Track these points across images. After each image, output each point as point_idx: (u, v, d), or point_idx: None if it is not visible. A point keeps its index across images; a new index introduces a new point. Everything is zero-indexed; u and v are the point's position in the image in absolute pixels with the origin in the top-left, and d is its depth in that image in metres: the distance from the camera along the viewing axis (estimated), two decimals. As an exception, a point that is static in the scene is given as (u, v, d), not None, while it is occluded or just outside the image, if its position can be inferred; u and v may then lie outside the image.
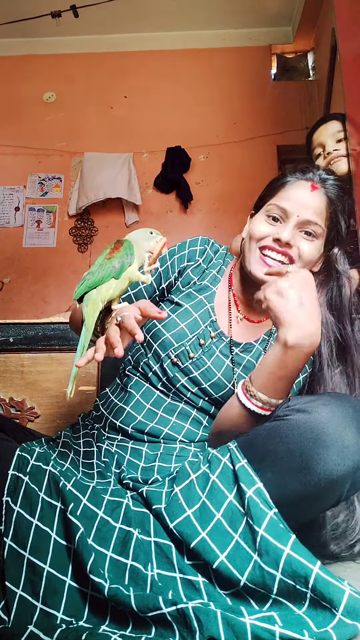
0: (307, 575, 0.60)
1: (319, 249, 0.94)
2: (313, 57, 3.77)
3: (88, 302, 0.77)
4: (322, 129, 1.55)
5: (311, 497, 0.66)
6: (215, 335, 0.96)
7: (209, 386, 0.93)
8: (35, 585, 0.64)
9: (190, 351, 0.93)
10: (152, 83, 3.73)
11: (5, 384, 1.51)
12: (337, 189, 0.95)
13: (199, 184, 3.58)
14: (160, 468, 0.87)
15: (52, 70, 3.76)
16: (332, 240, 0.96)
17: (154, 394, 0.95)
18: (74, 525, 0.67)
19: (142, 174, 3.60)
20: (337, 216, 0.94)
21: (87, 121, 3.69)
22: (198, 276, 1.02)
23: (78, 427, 1.00)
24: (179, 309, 0.97)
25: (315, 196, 0.92)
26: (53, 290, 3.48)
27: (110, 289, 0.78)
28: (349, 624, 0.57)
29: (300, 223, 0.91)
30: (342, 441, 0.65)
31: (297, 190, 0.93)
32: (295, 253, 0.91)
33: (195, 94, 3.70)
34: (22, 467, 0.75)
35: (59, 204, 3.60)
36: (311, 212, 0.91)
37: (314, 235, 0.92)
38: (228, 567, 0.64)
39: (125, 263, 0.79)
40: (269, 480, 0.68)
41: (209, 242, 1.06)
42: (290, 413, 0.71)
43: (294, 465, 0.66)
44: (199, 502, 0.71)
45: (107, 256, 0.80)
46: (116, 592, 0.60)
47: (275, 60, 3.82)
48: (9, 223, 3.58)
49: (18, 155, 3.65)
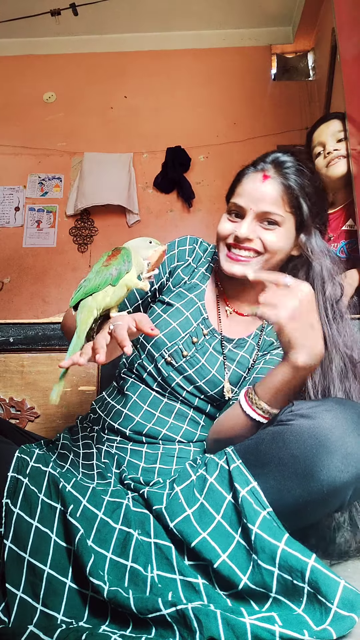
0: (303, 569, 0.60)
1: (286, 235, 0.91)
2: (313, 57, 3.77)
3: (83, 309, 0.76)
4: (323, 127, 1.55)
5: (314, 502, 0.66)
6: (207, 333, 0.96)
7: (203, 384, 0.93)
8: (36, 587, 0.64)
9: (184, 349, 0.93)
10: (152, 83, 3.73)
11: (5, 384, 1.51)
12: (295, 171, 0.90)
13: (199, 184, 3.58)
14: (161, 470, 0.87)
15: (52, 70, 3.76)
16: (297, 226, 0.93)
17: (150, 395, 0.95)
18: (74, 527, 0.67)
19: (142, 174, 3.60)
20: (297, 200, 0.90)
21: (87, 121, 3.69)
22: (188, 275, 1.03)
23: (76, 429, 1.00)
24: (170, 309, 0.97)
25: (267, 186, 0.89)
26: (53, 290, 3.48)
27: (107, 297, 0.77)
28: (345, 616, 0.57)
29: (257, 216, 0.90)
30: (346, 448, 0.64)
31: (249, 184, 0.91)
32: (259, 245, 0.90)
33: (195, 94, 3.69)
34: (22, 469, 0.75)
35: (59, 204, 3.60)
36: (266, 203, 0.89)
37: (276, 223, 0.90)
38: (230, 567, 0.64)
39: (123, 270, 0.78)
40: (272, 484, 0.68)
41: (198, 241, 1.07)
42: (294, 418, 0.70)
43: (297, 471, 0.66)
44: (197, 504, 0.71)
45: (104, 263, 0.79)
46: (116, 594, 0.60)
47: (275, 60, 3.82)
48: (9, 223, 3.58)
49: (18, 155, 3.65)
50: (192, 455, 0.93)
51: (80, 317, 0.76)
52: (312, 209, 0.91)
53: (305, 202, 0.90)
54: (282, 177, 0.89)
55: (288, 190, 0.89)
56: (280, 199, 0.89)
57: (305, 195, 0.90)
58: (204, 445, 0.96)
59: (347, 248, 1.49)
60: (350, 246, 1.47)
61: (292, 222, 0.91)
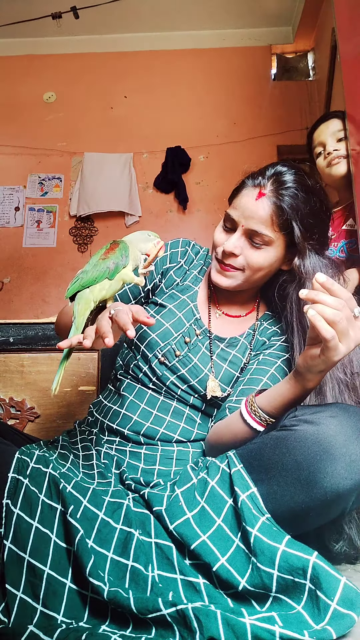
0: (305, 567, 0.60)
1: (273, 255, 0.90)
2: (313, 57, 3.77)
3: (80, 301, 0.77)
4: (323, 127, 1.55)
5: (316, 509, 0.66)
6: (200, 333, 0.97)
7: (196, 382, 0.94)
8: (36, 587, 0.64)
9: (177, 349, 0.94)
10: (152, 83, 3.73)
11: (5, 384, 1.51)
12: (292, 192, 0.87)
13: (199, 184, 3.58)
14: (161, 471, 0.88)
15: (52, 70, 3.76)
16: (287, 246, 0.91)
17: (146, 394, 0.96)
18: (74, 527, 0.67)
19: (142, 174, 3.59)
20: (287, 222, 0.87)
21: (87, 121, 3.69)
22: (180, 277, 1.04)
23: (74, 432, 1.01)
24: (163, 310, 0.98)
25: (259, 205, 0.87)
26: (53, 290, 3.48)
27: (104, 290, 0.77)
28: (345, 614, 0.57)
29: (245, 232, 0.90)
30: (350, 455, 0.64)
31: (244, 199, 0.90)
32: (239, 263, 0.91)
33: (195, 94, 3.69)
34: (22, 469, 0.75)
35: (59, 204, 3.60)
36: (255, 221, 0.88)
37: (263, 244, 0.89)
38: (228, 570, 0.64)
39: (120, 264, 0.79)
40: (275, 490, 0.68)
41: (190, 244, 1.08)
42: (298, 423, 0.70)
43: (300, 478, 0.66)
44: (198, 507, 0.71)
45: (102, 256, 0.80)
46: (115, 595, 0.60)
47: (275, 60, 3.82)
48: (9, 223, 3.58)
49: (18, 155, 3.65)
50: (190, 457, 0.93)
51: (78, 308, 0.76)
52: (305, 231, 0.88)
53: (297, 224, 0.87)
54: (276, 196, 0.87)
55: (279, 211, 0.87)
56: (269, 219, 0.87)
57: (298, 217, 0.87)
58: (201, 446, 0.96)
59: (347, 247, 1.49)
60: (350, 245, 1.47)
61: (282, 241, 0.90)
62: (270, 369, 0.93)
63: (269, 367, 0.93)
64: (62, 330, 0.95)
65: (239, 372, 0.97)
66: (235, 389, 0.94)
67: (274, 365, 0.93)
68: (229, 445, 0.84)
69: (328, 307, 0.65)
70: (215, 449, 0.89)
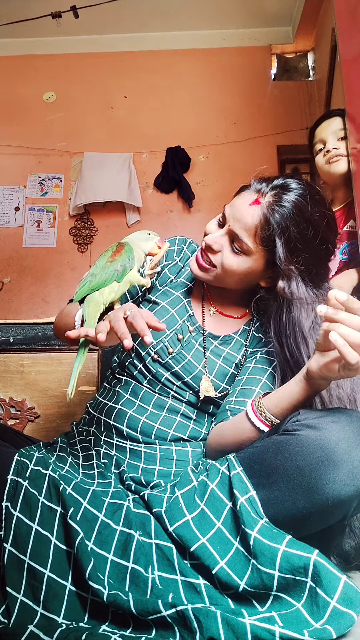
0: (306, 565, 0.60)
1: (247, 266, 0.88)
2: (313, 57, 3.77)
3: (90, 303, 0.78)
4: (325, 124, 1.55)
5: (317, 514, 0.66)
6: (194, 329, 0.98)
7: (190, 379, 0.94)
8: (36, 590, 0.64)
9: (169, 347, 0.95)
10: (152, 83, 3.72)
11: (5, 384, 1.51)
12: (288, 212, 0.83)
13: (199, 183, 3.58)
14: (161, 472, 0.88)
15: (52, 70, 3.75)
16: (268, 263, 0.87)
17: (141, 390, 0.96)
18: (74, 530, 0.67)
19: (142, 174, 3.59)
20: (270, 239, 0.84)
21: (87, 121, 3.69)
22: (175, 274, 1.05)
23: (72, 434, 1.01)
24: (156, 307, 0.98)
25: (250, 211, 0.85)
26: (53, 290, 3.48)
27: (113, 292, 0.79)
28: (344, 612, 0.57)
29: (229, 232, 0.89)
30: (352, 462, 0.64)
31: (241, 200, 0.88)
32: (217, 260, 0.91)
33: (195, 94, 3.69)
34: (22, 471, 0.75)
35: (59, 204, 3.60)
36: (240, 226, 0.86)
37: (242, 251, 0.87)
38: (228, 573, 0.64)
39: (127, 267, 0.80)
40: (276, 495, 0.67)
41: (186, 242, 1.08)
42: (300, 428, 0.69)
43: (302, 483, 0.65)
44: (198, 509, 0.71)
45: (109, 259, 0.80)
46: (115, 598, 0.60)
47: (275, 60, 3.81)
48: (9, 223, 3.58)
49: (18, 155, 3.65)
50: (190, 458, 0.93)
51: (88, 311, 0.77)
52: (289, 254, 0.84)
53: (281, 243, 0.83)
54: (269, 209, 0.84)
55: (266, 225, 0.84)
56: (254, 229, 0.85)
57: (283, 236, 0.83)
58: (200, 446, 0.96)
59: (349, 249, 1.48)
60: (352, 247, 1.47)
61: (262, 256, 0.88)
62: (268, 368, 0.93)
63: (267, 366, 0.93)
64: (61, 332, 0.95)
65: (234, 369, 0.97)
66: (233, 388, 0.94)
67: (272, 364, 0.93)
68: (231, 446, 0.84)
69: (352, 329, 0.63)
70: (217, 450, 0.89)
